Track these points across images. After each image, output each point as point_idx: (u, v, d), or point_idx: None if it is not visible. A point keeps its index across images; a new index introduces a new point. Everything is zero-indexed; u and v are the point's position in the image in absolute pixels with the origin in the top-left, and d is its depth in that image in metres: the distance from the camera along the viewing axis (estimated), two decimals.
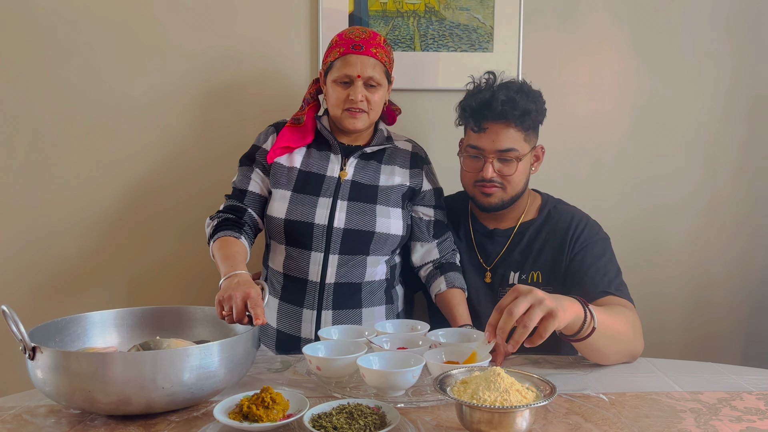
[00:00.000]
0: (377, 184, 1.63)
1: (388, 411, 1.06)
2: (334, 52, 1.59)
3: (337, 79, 1.58)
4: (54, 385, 1.08)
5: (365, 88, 1.58)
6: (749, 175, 2.08)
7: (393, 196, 1.63)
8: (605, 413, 1.14)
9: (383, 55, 1.60)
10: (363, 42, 1.58)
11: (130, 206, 2.02)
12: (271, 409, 1.04)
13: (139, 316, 1.38)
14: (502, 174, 1.59)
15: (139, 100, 1.99)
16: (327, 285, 1.58)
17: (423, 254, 1.69)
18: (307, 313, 1.59)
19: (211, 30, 1.97)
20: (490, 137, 1.57)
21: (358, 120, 1.59)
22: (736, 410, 1.15)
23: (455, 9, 1.97)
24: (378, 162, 1.66)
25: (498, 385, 1.00)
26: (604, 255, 1.57)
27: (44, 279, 2.02)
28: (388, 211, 1.60)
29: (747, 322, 2.12)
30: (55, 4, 1.95)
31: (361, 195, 1.60)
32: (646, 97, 2.04)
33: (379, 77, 1.59)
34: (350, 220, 1.57)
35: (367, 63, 1.57)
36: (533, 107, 1.57)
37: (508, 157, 1.58)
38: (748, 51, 2.03)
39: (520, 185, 1.62)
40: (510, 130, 1.57)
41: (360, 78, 1.56)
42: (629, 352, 1.42)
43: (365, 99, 1.58)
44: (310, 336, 1.58)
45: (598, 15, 2.01)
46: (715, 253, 2.10)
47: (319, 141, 1.67)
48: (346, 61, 1.57)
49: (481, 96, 1.58)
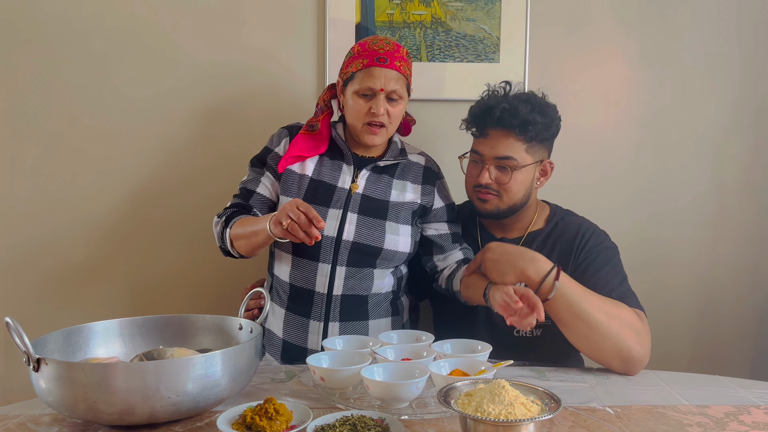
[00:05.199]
0: (388, 199, 1.61)
1: (392, 423, 1.05)
2: (357, 62, 1.55)
3: (359, 91, 1.55)
4: (58, 396, 1.08)
5: (387, 101, 1.55)
6: (756, 186, 2.06)
7: (403, 213, 1.61)
8: (611, 426, 1.13)
9: (406, 68, 1.57)
10: (387, 55, 1.54)
11: (135, 214, 2.03)
12: (274, 420, 1.04)
13: (141, 325, 1.38)
14: (498, 181, 1.60)
15: (147, 108, 2.00)
16: (334, 297, 1.57)
17: (444, 258, 1.66)
18: (314, 324, 1.58)
19: (218, 40, 1.98)
20: (490, 143, 1.60)
21: (378, 136, 1.57)
22: (744, 425, 1.14)
23: (462, 20, 1.97)
24: (390, 176, 1.64)
25: (503, 398, 1.00)
26: (608, 264, 1.57)
27: (50, 285, 2.03)
28: (398, 228, 1.59)
29: (754, 333, 2.10)
30: (65, 12, 1.96)
31: (372, 209, 1.58)
32: (654, 107, 2.04)
33: (401, 91, 1.56)
34: (359, 234, 1.55)
35: (391, 76, 1.53)
36: (539, 119, 1.57)
37: (505, 165, 1.59)
38: (756, 61, 2.02)
39: (517, 196, 1.62)
40: (510, 138, 1.58)
41: (383, 92, 1.53)
42: (614, 349, 1.40)
43: (386, 113, 1.55)
44: (317, 347, 1.56)
45: (605, 26, 2.01)
46: (722, 264, 2.08)
47: (332, 150, 1.65)
48: (369, 73, 1.53)
49: (486, 102, 1.61)
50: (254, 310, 1.67)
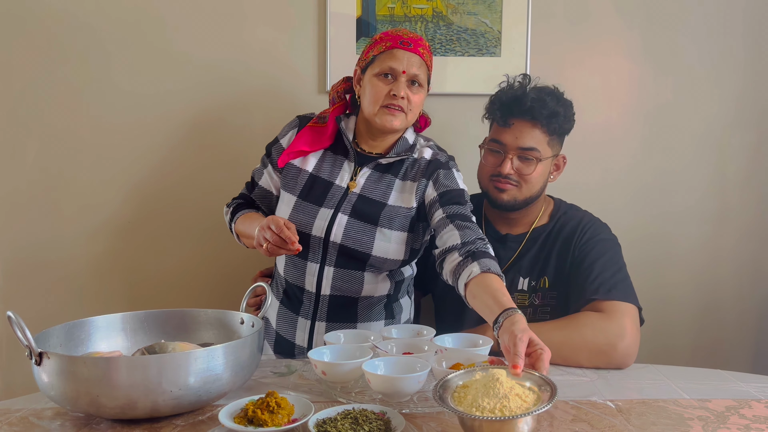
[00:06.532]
0: (386, 202, 1.52)
1: (393, 416, 1.05)
2: (379, 46, 1.50)
3: (379, 72, 1.48)
4: (60, 390, 1.08)
5: (408, 86, 1.48)
6: (759, 182, 2.06)
7: (398, 219, 1.51)
8: (612, 420, 1.13)
9: (428, 58, 1.53)
10: (411, 40, 1.49)
11: (137, 209, 2.03)
12: (276, 414, 1.04)
13: (143, 319, 1.38)
14: (520, 172, 1.60)
15: (148, 103, 1.99)
16: (322, 296, 1.54)
17: (442, 241, 1.45)
18: (302, 321, 1.57)
19: (220, 34, 1.98)
20: (514, 133, 1.59)
21: (396, 117, 1.48)
22: (745, 418, 1.14)
23: (463, 13, 1.96)
24: (393, 176, 1.55)
25: (497, 391, 0.99)
26: (603, 255, 1.57)
27: (52, 279, 2.03)
28: (390, 235, 1.50)
29: (756, 328, 2.10)
30: (66, 6, 1.96)
31: (365, 212, 1.51)
32: (656, 102, 2.03)
33: (423, 78, 1.50)
34: (347, 237, 1.49)
35: (414, 61, 1.48)
36: (562, 111, 1.59)
37: (529, 156, 1.59)
38: (759, 57, 2.01)
39: (536, 188, 1.62)
40: (536, 130, 1.59)
41: (405, 74, 1.47)
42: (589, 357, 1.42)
43: (407, 97, 1.48)
44: (304, 344, 1.56)
45: (607, 19, 2.00)
46: (724, 260, 2.08)
47: (337, 145, 1.59)
48: (392, 54, 1.47)
49: (512, 92, 1.61)
50: (259, 298, 1.68)
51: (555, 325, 1.47)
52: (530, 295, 1.63)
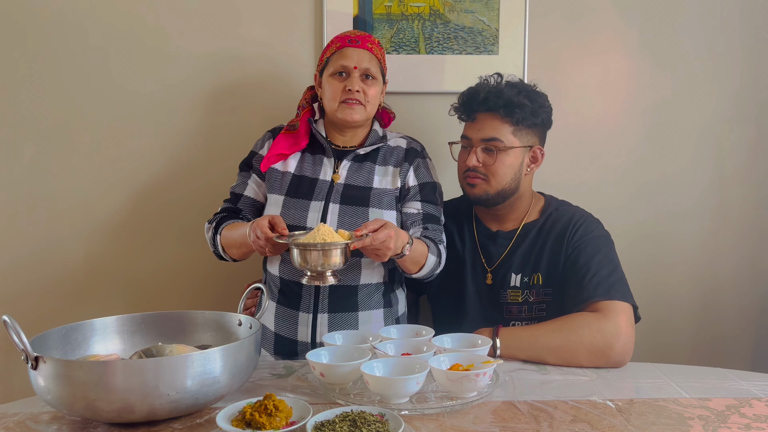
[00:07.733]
0: (371, 186, 1.61)
1: (392, 418, 1.05)
2: (331, 48, 1.62)
3: (334, 72, 1.59)
4: (56, 394, 1.07)
5: (362, 80, 1.58)
6: (758, 179, 2.05)
7: (386, 199, 1.61)
8: (612, 420, 1.13)
9: (378, 52, 1.62)
10: (359, 38, 1.61)
11: (134, 210, 2.02)
12: (273, 417, 1.04)
13: (140, 322, 1.37)
14: (484, 164, 1.61)
15: (144, 103, 1.98)
16: (322, 288, 1.57)
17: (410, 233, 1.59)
18: (303, 316, 1.58)
19: (215, 33, 1.97)
20: (477, 126, 1.62)
21: (355, 111, 1.58)
22: (745, 417, 1.14)
23: (460, 12, 1.96)
24: (372, 162, 1.65)
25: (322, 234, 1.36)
26: (598, 253, 1.57)
27: (48, 283, 2.02)
28: (382, 214, 1.58)
29: (755, 326, 2.09)
30: (62, 6, 1.94)
31: (354, 198, 1.59)
32: (655, 99, 2.02)
33: (375, 71, 1.60)
34: (342, 224, 1.55)
35: (364, 56, 1.59)
36: (526, 103, 1.58)
37: (491, 147, 1.60)
38: (758, 52, 2.01)
39: (504, 179, 1.62)
40: (496, 120, 1.60)
41: (357, 69, 1.57)
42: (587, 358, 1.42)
43: (362, 91, 1.58)
44: (307, 339, 1.57)
45: (605, 17, 1.99)
46: (723, 257, 2.08)
47: (313, 145, 1.67)
48: (342, 53, 1.59)
49: (474, 88, 1.64)
50: (252, 308, 1.68)
51: (552, 327, 1.47)
52: (523, 292, 1.63)
